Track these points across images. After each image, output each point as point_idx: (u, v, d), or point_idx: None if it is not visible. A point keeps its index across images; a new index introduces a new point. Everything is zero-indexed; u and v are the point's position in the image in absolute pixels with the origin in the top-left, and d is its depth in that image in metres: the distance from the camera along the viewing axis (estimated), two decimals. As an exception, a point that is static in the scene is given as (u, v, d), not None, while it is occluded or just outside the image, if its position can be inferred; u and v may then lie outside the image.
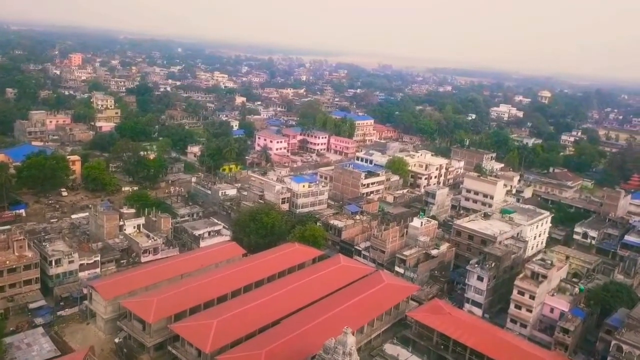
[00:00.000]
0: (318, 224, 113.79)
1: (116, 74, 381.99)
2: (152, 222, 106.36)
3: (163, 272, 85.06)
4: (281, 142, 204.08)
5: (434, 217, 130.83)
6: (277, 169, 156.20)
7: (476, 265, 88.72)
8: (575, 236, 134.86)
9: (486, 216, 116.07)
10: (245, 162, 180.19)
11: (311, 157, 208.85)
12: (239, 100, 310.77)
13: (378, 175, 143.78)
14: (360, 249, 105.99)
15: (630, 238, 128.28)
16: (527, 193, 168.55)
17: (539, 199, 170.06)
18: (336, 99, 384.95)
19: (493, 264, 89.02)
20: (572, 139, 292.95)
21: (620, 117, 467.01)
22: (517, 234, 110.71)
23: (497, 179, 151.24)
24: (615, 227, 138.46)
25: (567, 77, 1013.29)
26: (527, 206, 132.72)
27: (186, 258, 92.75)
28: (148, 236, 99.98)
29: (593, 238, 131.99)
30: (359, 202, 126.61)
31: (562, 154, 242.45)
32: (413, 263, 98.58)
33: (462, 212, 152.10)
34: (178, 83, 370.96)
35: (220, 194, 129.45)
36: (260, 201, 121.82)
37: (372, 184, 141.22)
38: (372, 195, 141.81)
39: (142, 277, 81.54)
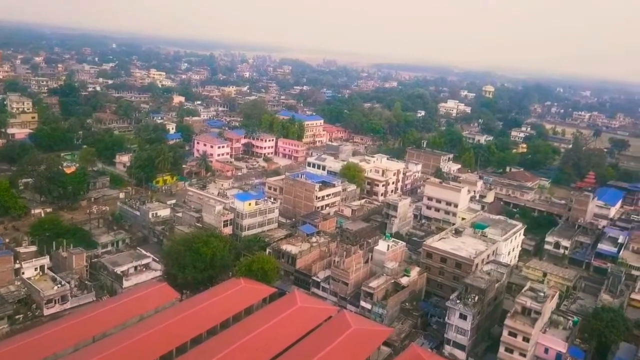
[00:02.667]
0: (268, 250, 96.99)
1: (39, 73, 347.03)
2: (61, 259, 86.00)
3: (68, 333, 65.66)
4: (223, 146, 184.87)
5: (397, 234, 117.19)
6: (219, 180, 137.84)
7: (457, 301, 74.93)
8: (546, 246, 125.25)
9: (457, 232, 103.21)
10: (182, 172, 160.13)
11: (257, 162, 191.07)
12: (177, 100, 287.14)
13: (334, 185, 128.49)
14: (319, 280, 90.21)
15: (603, 247, 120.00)
16: (489, 197, 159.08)
17: (501, 202, 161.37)
18: (282, 97, 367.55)
19: (477, 298, 75.56)
20: (521, 134, 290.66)
21: (562, 110, 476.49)
22: (493, 252, 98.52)
23: (460, 185, 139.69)
24: (586, 234, 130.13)
25: (504, 71, 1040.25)
26: (497, 217, 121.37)
27: (102, 310, 73.43)
28: (54, 280, 79.85)
29: (566, 248, 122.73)
30: (314, 220, 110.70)
31: (514, 150, 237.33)
32: (381, 296, 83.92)
33: (424, 222, 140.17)
34: (110, 82, 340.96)
35: (150, 216, 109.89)
36: (198, 225, 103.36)
37: (328, 195, 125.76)
38: (327, 208, 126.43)
39: (36, 347, 61.78)
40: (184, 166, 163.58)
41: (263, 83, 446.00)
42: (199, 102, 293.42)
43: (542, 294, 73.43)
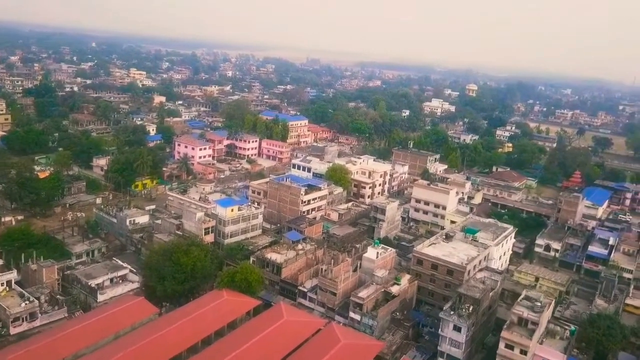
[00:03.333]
0: (252, 259, 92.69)
1: (14, 72, 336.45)
2: (31, 272, 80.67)
3: (36, 355, 60.69)
4: (205, 148, 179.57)
5: (386, 240, 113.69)
6: (200, 184, 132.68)
7: (451, 312, 71.56)
8: (536, 249, 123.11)
9: (448, 237, 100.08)
10: (163, 175, 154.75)
11: (240, 164, 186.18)
12: (158, 100, 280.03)
13: (320, 189, 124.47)
14: (306, 290, 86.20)
15: (594, 249, 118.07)
16: (477, 198, 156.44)
17: (489, 203, 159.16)
18: (265, 96, 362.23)
19: (471, 308, 72.30)
20: (506, 133, 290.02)
21: (544, 109, 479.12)
22: (485, 257, 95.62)
23: (448, 187, 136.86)
24: (576, 235, 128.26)
25: (486, 70, 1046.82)
26: (487, 220, 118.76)
27: (74, 328, 68.45)
28: (22, 296, 74.50)
29: (556, 250, 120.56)
30: (299, 225, 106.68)
31: (500, 150, 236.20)
32: (371, 306, 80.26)
33: (412, 224, 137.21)
34: (88, 82, 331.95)
35: (128, 223, 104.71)
36: (178, 233, 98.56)
37: (314, 199, 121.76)
38: (313, 212, 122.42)
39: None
40: (164, 169, 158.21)
41: (246, 82, 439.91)
42: (180, 102, 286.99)
43: (539, 304, 70.48)
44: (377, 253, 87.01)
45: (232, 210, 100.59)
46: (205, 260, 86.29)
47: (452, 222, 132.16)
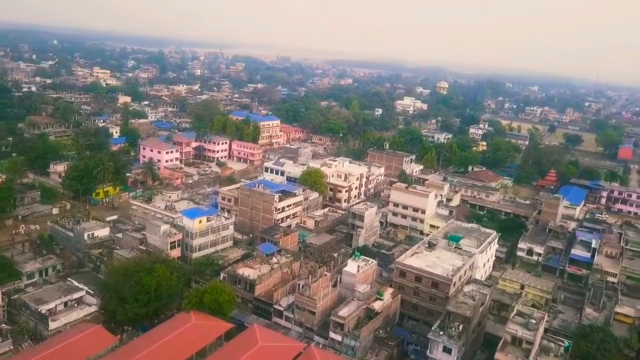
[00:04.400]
0: (222, 275, 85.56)
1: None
2: (-28, 298, 71.75)
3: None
4: (172, 151, 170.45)
5: (365, 249, 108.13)
6: (166, 192, 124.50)
7: (440, 332, 66.18)
8: (519, 253, 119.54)
9: (431, 246, 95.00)
10: (126, 181, 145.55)
11: (209, 167, 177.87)
12: (122, 100, 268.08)
13: (294, 195, 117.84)
14: (282, 308, 79.63)
15: (577, 252, 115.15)
16: (455, 200, 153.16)
17: (467, 205, 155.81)
18: (235, 95, 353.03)
19: (461, 327, 67.09)
20: (480, 131, 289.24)
21: (514, 106, 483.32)
22: (470, 266, 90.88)
23: (427, 190, 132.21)
24: (558, 238, 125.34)
25: (454, 67, 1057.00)
26: (469, 225, 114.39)
27: (19, 365, 60.23)
28: (-40, 328, 65.76)
29: (539, 254, 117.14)
30: (273, 235, 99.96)
31: (474, 148, 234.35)
32: (353, 325, 74.32)
33: (390, 229, 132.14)
34: (48, 81, 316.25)
35: (86, 237, 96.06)
36: (141, 247, 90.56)
37: (288, 206, 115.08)
38: (288, 219, 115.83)
39: None
40: (128, 175, 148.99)
41: (215, 81, 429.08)
42: (146, 103, 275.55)
43: (533, 321, 65.76)
44: (358, 266, 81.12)
45: (200, 221, 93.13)
46: (171, 278, 78.65)
47: (432, 226, 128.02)
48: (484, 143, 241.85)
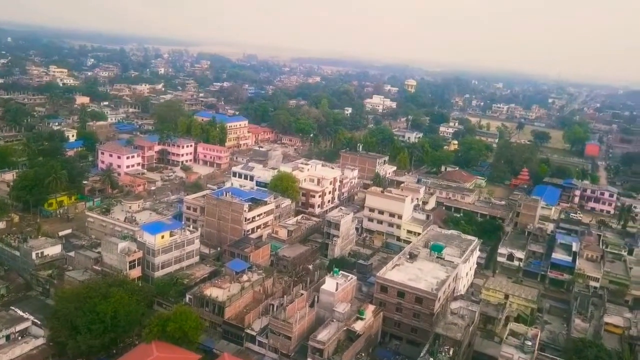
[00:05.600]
0: (188, 296, 77.81)
1: None
2: None
3: None
4: (133, 156, 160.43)
5: (342, 260, 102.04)
6: (126, 201, 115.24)
7: (430, 359, 60.48)
8: (499, 258, 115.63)
9: (412, 256, 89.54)
10: (83, 190, 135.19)
11: (174, 172, 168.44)
12: (80, 100, 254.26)
13: (265, 203, 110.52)
14: (255, 333, 72.58)
15: (558, 256, 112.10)
16: (431, 203, 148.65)
17: (443, 207, 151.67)
18: (201, 95, 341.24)
19: (452, 351, 61.61)
20: (450, 130, 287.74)
21: (482, 103, 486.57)
22: (454, 277, 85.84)
23: (403, 194, 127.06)
24: (538, 241, 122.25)
25: (420, 64, 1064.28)
26: (449, 232, 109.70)
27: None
28: None
29: (520, 260, 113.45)
30: (243, 249, 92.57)
31: (446, 147, 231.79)
32: (332, 349, 68.00)
33: (366, 235, 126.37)
34: (0, 81, 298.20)
35: (34, 256, 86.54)
36: (96, 268, 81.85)
37: (259, 215, 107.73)
38: (259, 230, 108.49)
39: None
40: (85, 182, 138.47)
41: (180, 80, 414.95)
42: (106, 104, 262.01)
43: (529, 343, 60.79)
44: (337, 284, 74.71)
45: (162, 236, 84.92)
46: (130, 303, 70.64)
47: (409, 231, 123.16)
48: (455, 142, 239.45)
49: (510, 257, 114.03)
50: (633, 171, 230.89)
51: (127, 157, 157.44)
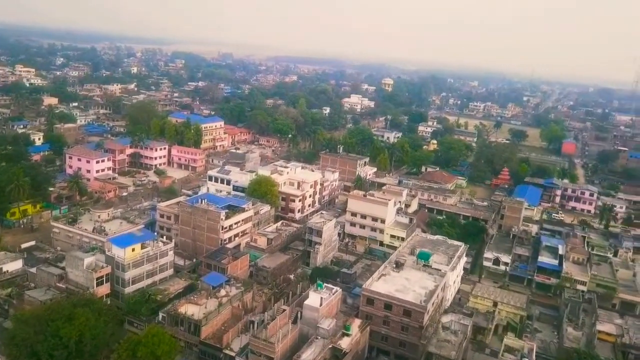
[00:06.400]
0: (161, 314, 72.37)
1: None
2: None
3: None
4: (103, 160, 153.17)
5: (325, 270, 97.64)
6: (95, 210, 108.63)
7: (423, 380, 56.58)
8: (485, 263, 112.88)
9: (398, 266, 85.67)
10: (49, 197, 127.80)
11: (147, 177, 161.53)
12: (48, 101, 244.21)
13: (243, 210, 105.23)
14: (234, 353, 67.59)
15: (544, 260, 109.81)
16: (413, 205, 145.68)
17: (425, 209, 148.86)
18: (175, 95, 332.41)
19: (445, 371, 57.82)
20: (429, 129, 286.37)
21: (459, 102, 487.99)
22: (442, 287, 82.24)
23: (386, 198, 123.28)
24: (523, 244, 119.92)
25: (396, 63, 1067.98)
26: (435, 237, 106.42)
27: None
28: None
29: (506, 264, 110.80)
30: (220, 260, 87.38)
31: (425, 147, 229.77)
32: (318, 370, 63.52)
33: (349, 240, 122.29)
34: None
35: (-8, 273, 79.81)
36: (61, 286, 75.63)
37: (237, 223, 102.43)
38: (237, 238, 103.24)
39: None
40: (51, 189, 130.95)
41: (153, 79, 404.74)
42: (75, 105, 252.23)
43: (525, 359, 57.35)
44: (321, 299, 70.17)
45: (133, 249, 79.14)
46: (97, 325, 65.01)
47: (392, 236, 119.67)
48: (435, 142, 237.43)
49: (496, 261, 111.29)
50: (610, 169, 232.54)
51: (97, 162, 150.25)
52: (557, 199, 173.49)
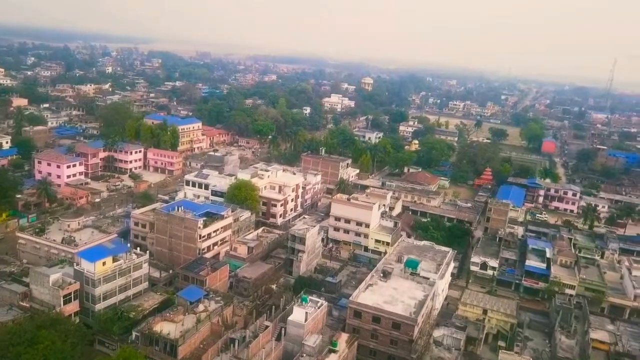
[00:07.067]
0: (134, 334, 67.47)
1: None
2: None
3: None
4: (75, 165, 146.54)
5: (310, 280, 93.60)
6: (65, 218, 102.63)
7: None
8: (472, 267, 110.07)
9: (385, 275, 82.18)
10: (16, 205, 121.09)
11: (121, 181, 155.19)
12: (17, 102, 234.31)
13: (222, 217, 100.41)
14: (213, 375, 63.22)
15: (532, 263, 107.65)
16: (397, 208, 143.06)
17: (409, 212, 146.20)
18: (151, 95, 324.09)
19: (440, 391, 54.39)
20: (410, 129, 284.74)
21: (438, 101, 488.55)
22: (432, 297, 78.96)
23: (370, 202, 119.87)
24: (509, 247, 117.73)
25: (375, 62, 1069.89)
26: (421, 242, 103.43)
27: None
28: None
29: (494, 269, 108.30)
30: (198, 272, 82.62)
31: (407, 147, 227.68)
32: (304, 391, 59.58)
33: (332, 245, 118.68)
34: None
35: (-50, 291, 73.65)
36: (24, 305, 70.00)
37: (215, 232, 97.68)
38: (216, 247, 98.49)
39: None
40: (18, 196, 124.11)
41: (129, 79, 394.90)
42: (46, 106, 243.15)
43: (525, 378, 54.31)
44: (306, 314, 66.15)
45: (104, 263, 73.86)
46: (64, 348, 59.99)
47: (377, 241, 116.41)
48: (416, 142, 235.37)
49: (484, 265, 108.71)
50: (589, 168, 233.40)
51: (68, 166, 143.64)
52: (541, 199, 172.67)
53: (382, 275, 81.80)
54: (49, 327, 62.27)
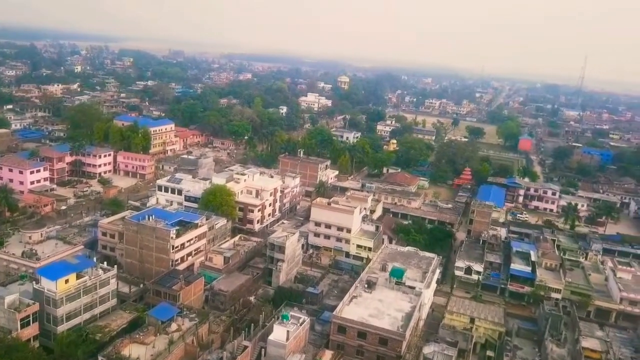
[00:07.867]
0: (100, 358, 61.81)
1: None
2: None
3: None
4: (40, 170, 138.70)
5: (290, 291, 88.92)
6: (26, 230, 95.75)
7: None
8: (457, 272, 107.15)
9: (370, 285, 78.28)
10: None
11: (90, 187, 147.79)
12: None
13: (196, 226, 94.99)
14: (187, 403, 58.22)
15: (516, 267, 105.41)
16: (378, 210, 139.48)
17: (390, 214, 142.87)
18: (122, 95, 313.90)
19: (433, 417, 50.63)
20: (387, 128, 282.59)
21: (415, 99, 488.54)
22: (419, 307, 75.36)
23: (351, 206, 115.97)
24: (493, 250, 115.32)
25: (351, 61, 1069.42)
26: (405, 248, 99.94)
27: None
28: None
29: (479, 273, 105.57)
30: (171, 286, 77.23)
31: (385, 147, 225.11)
32: (287, 417, 55.14)
33: (313, 252, 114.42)
34: None
35: None
36: (-24, 330, 63.75)
37: (189, 241, 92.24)
38: (190, 258, 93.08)
39: None
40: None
41: (99, 79, 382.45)
42: (10, 107, 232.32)
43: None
44: (288, 332, 61.66)
45: (66, 281, 67.94)
46: (21, 379, 54.16)
47: (359, 246, 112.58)
48: (395, 141, 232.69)
49: (468, 270, 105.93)
50: (566, 165, 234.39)
51: (32, 172, 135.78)
52: (521, 199, 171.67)
53: (366, 286, 77.93)
54: (3, 355, 56.43)
